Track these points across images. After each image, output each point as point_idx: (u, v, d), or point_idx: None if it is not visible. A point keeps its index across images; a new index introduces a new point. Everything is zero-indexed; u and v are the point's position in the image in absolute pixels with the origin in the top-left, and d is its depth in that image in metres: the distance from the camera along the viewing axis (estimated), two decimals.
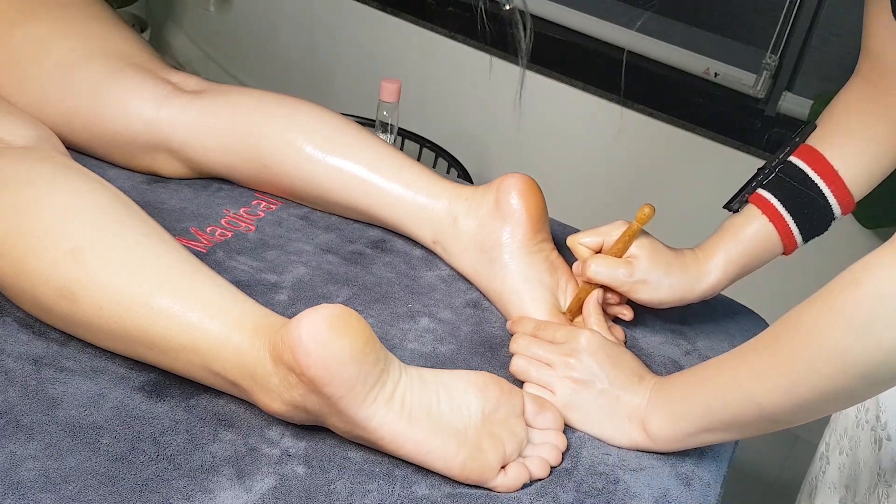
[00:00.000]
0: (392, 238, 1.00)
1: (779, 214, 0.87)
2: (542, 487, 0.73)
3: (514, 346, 0.84)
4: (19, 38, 0.99)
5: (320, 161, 0.96)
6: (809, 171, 0.86)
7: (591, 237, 0.90)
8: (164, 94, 0.97)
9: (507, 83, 1.84)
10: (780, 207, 0.87)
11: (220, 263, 0.91)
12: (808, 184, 0.86)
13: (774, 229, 0.87)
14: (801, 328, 0.65)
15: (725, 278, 0.88)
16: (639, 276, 0.86)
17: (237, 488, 0.68)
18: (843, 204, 0.87)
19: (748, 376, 0.69)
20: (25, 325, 0.79)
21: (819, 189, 0.86)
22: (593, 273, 0.87)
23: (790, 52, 1.59)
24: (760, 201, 0.88)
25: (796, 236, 0.88)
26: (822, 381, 0.63)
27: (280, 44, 2.16)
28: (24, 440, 0.68)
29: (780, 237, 0.88)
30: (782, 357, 0.66)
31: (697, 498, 0.76)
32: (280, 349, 0.68)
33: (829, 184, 0.86)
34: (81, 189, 0.79)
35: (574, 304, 0.90)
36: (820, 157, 0.86)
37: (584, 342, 0.80)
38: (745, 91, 1.65)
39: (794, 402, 0.66)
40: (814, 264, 1.63)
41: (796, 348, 0.65)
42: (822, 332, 0.63)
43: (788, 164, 0.88)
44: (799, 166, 0.87)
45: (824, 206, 0.87)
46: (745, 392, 0.69)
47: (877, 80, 0.84)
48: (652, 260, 0.87)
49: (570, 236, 0.91)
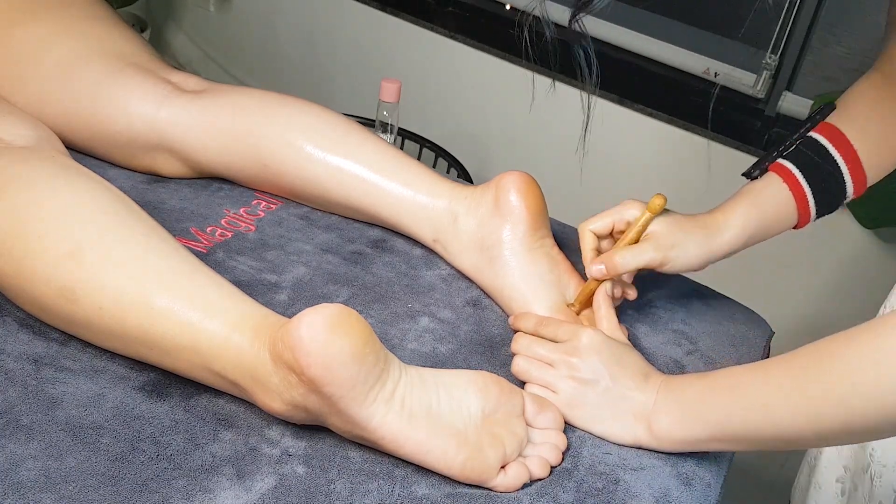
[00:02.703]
0: (392, 238, 1.00)
1: (798, 184, 0.87)
2: (542, 487, 0.73)
3: (516, 347, 0.84)
4: (19, 38, 0.99)
5: (320, 160, 0.96)
6: (830, 146, 0.87)
7: (601, 221, 0.89)
8: (165, 94, 0.97)
9: (508, 83, 1.84)
10: (800, 177, 0.87)
11: (220, 263, 0.90)
12: (828, 159, 0.87)
13: (792, 198, 0.87)
14: (838, 363, 0.64)
15: (743, 236, 0.87)
16: (666, 248, 0.85)
17: (237, 488, 0.68)
18: (857, 184, 0.87)
19: (775, 399, 0.68)
20: (25, 325, 0.78)
21: (837, 165, 0.87)
22: (623, 265, 0.85)
23: (790, 52, 1.58)
24: (781, 170, 0.88)
25: (811, 208, 0.88)
26: (852, 419, 0.64)
27: (280, 44, 2.16)
28: (24, 440, 0.68)
29: (797, 206, 0.88)
30: (815, 389, 0.65)
31: (698, 498, 0.76)
32: (280, 349, 0.68)
33: (847, 162, 0.86)
34: (81, 189, 0.79)
35: (582, 296, 0.89)
36: (840, 135, 0.87)
37: (587, 340, 0.80)
38: (745, 91, 1.65)
39: (816, 431, 0.66)
40: (814, 264, 1.63)
41: (832, 383, 0.64)
42: (862, 373, 0.63)
43: (809, 138, 0.88)
44: (820, 141, 0.87)
45: (840, 183, 0.87)
46: (768, 413, 0.68)
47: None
48: (670, 229, 0.86)
49: (581, 224, 0.90)
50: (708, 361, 0.93)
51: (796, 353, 0.69)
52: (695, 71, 1.69)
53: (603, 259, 0.87)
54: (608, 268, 0.86)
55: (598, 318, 0.86)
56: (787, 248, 1.57)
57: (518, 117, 1.86)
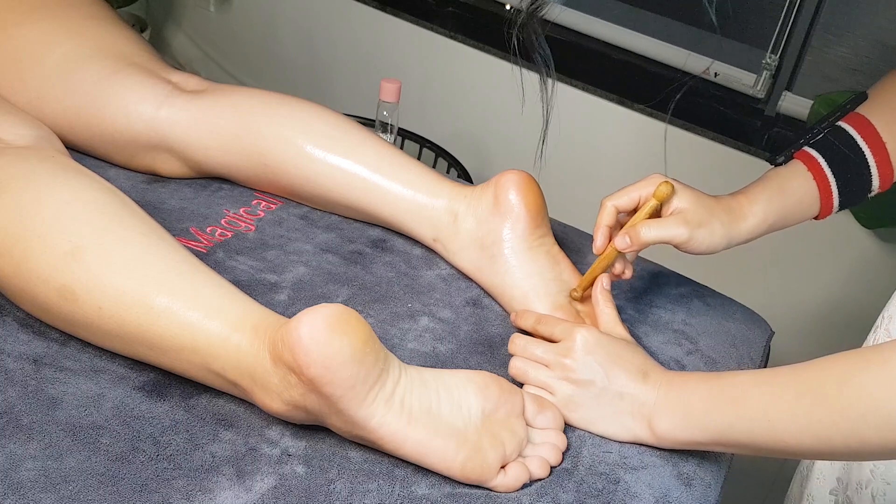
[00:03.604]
0: (392, 237, 1.00)
1: (823, 173, 0.86)
2: (542, 487, 0.73)
3: (512, 347, 0.83)
4: (19, 38, 0.99)
5: (321, 160, 0.96)
6: (858, 137, 0.85)
7: (627, 196, 0.87)
8: (165, 94, 0.97)
9: (508, 83, 1.84)
10: (826, 167, 0.86)
11: (220, 263, 0.90)
12: (855, 150, 0.85)
13: (816, 187, 0.86)
14: (847, 389, 0.64)
15: (764, 224, 0.87)
16: (693, 226, 0.84)
17: (237, 488, 0.68)
18: (883, 178, 0.86)
19: (780, 416, 0.67)
20: (25, 325, 0.78)
21: (864, 157, 0.85)
22: (646, 237, 0.84)
23: (790, 52, 1.58)
24: (807, 158, 0.87)
25: (835, 199, 0.87)
26: (860, 445, 0.63)
27: (280, 44, 2.16)
28: (24, 440, 0.68)
29: (820, 196, 0.87)
30: (822, 412, 0.65)
31: (698, 498, 0.76)
32: (280, 349, 0.68)
33: (874, 154, 0.85)
34: (81, 189, 0.79)
35: (585, 282, 0.89)
36: (870, 126, 0.85)
37: (580, 341, 0.79)
38: (745, 91, 1.65)
39: (821, 447, 0.66)
40: (814, 264, 1.63)
41: (840, 409, 0.64)
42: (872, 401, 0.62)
43: (837, 128, 0.87)
44: (848, 132, 0.86)
45: (866, 176, 0.86)
46: (773, 427, 0.68)
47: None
48: (697, 208, 0.85)
49: (604, 197, 0.88)
50: (708, 361, 0.93)
51: (805, 369, 0.68)
52: (695, 71, 1.69)
53: (627, 231, 0.85)
54: (632, 239, 0.85)
55: (598, 312, 0.86)
56: (787, 248, 1.57)
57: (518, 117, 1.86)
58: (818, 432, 0.65)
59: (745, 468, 1.50)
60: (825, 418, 0.64)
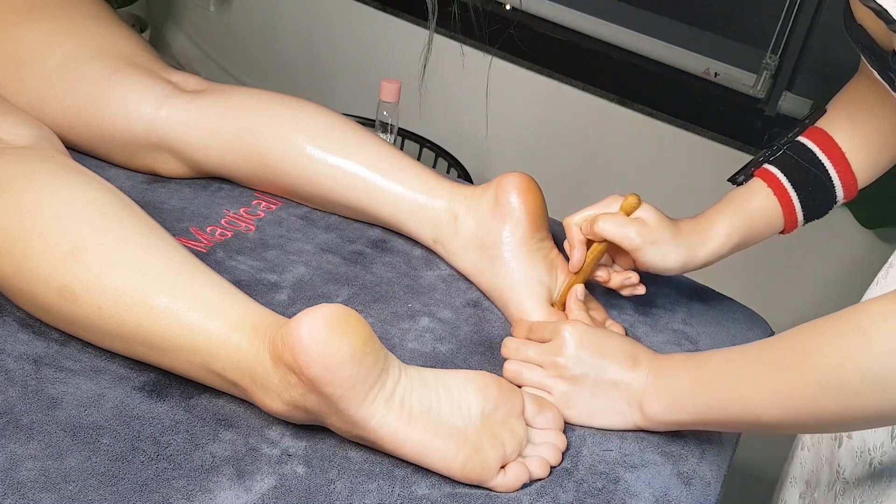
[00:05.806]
0: (392, 238, 1.00)
1: (784, 189, 0.87)
2: (542, 487, 0.73)
3: (505, 351, 0.83)
4: (19, 38, 0.99)
5: (321, 160, 0.96)
6: (817, 150, 0.86)
7: (583, 215, 0.90)
8: (165, 94, 0.97)
9: (508, 83, 1.84)
10: (786, 183, 0.87)
11: (220, 263, 0.90)
12: (815, 163, 0.86)
13: (778, 204, 0.87)
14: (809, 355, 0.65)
15: (727, 246, 0.88)
16: (648, 236, 0.85)
17: (237, 488, 0.68)
18: (847, 188, 0.87)
19: (749, 390, 0.69)
20: (25, 325, 0.78)
21: (825, 169, 0.86)
22: (601, 229, 0.86)
23: (790, 52, 1.58)
24: (766, 175, 0.88)
25: (798, 214, 0.88)
26: (824, 413, 0.64)
27: (280, 44, 2.16)
28: (24, 440, 0.68)
29: (783, 212, 0.88)
30: (786, 381, 0.66)
31: (698, 497, 0.76)
32: (280, 349, 0.68)
33: (835, 165, 0.86)
34: (81, 189, 0.79)
35: (563, 295, 0.90)
36: (829, 139, 0.86)
37: (568, 337, 0.79)
38: (745, 91, 1.65)
39: (791, 419, 0.67)
40: (814, 264, 1.63)
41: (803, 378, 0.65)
42: (831, 367, 0.63)
43: (797, 143, 0.88)
44: (807, 146, 0.87)
45: (829, 188, 0.87)
46: (745, 404, 0.69)
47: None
48: (659, 223, 0.86)
49: (566, 217, 0.90)
50: None
51: (771, 343, 0.69)
52: (695, 71, 1.69)
53: (586, 220, 0.88)
54: (586, 228, 0.87)
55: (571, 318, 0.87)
56: (786, 248, 1.57)
57: (518, 117, 1.86)
58: (784, 404, 0.66)
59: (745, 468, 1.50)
60: (788, 390, 0.66)
